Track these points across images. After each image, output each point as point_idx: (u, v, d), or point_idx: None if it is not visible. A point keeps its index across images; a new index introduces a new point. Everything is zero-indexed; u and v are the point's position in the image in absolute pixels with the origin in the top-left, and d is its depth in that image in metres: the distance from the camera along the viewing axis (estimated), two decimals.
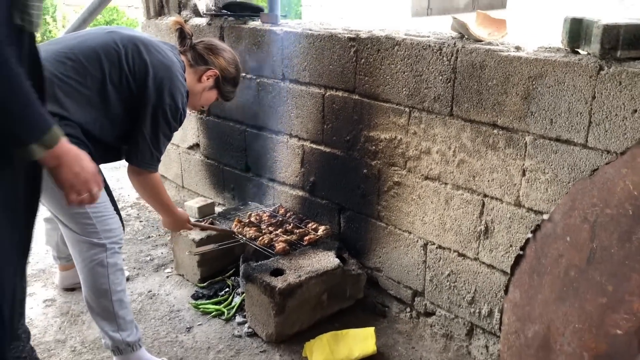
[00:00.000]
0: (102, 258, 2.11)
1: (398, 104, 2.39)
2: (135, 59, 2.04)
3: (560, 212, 1.85)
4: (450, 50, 2.15)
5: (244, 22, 3.12)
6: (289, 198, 3.09)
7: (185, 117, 2.19)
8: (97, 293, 2.12)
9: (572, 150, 1.87)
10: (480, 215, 2.21)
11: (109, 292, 2.14)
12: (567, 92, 1.84)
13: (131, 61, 2.03)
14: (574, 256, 1.78)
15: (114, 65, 2.01)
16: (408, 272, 2.56)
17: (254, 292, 2.45)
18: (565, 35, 1.86)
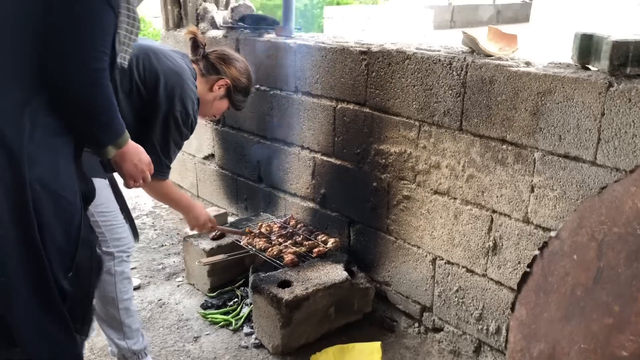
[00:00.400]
0: (109, 266, 2.13)
1: (408, 118, 2.39)
2: (145, 67, 2.06)
3: (568, 230, 1.83)
4: (460, 65, 2.14)
5: (259, 35, 3.15)
6: (300, 209, 3.10)
7: (196, 124, 2.20)
8: (104, 301, 2.14)
9: (581, 167, 1.84)
10: (488, 231, 2.18)
11: (116, 300, 2.16)
12: (576, 109, 1.82)
13: (142, 69, 2.05)
14: (581, 275, 1.75)
15: (125, 73, 2.03)
16: (417, 287, 2.54)
17: (261, 303, 2.46)
18: (576, 51, 1.84)
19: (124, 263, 2.19)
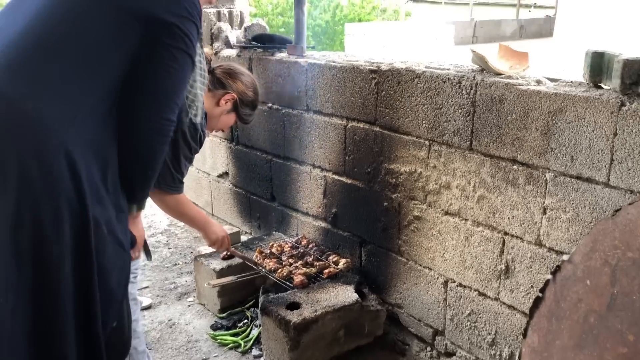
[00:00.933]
0: None
1: (418, 137, 2.35)
2: None
3: (581, 254, 1.76)
4: (470, 84, 2.10)
5: (271, 54, 3.15)
6: (311, 229, 3.07)
7: (205, 138, 2.20)
8: None
9: (594, 189, 1.78)
10: (500, 254, 2.12)
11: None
12: (587, 128, 1.76)
13: None
14: (594, 301, 1.68)
15: None
16: (429, 310, 2.48)
17: (270, 325, 2.42)
18: (587, 70, 1.79)
19: (131, 284, 2.18)
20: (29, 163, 1.27)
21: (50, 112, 1.31)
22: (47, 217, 1.30)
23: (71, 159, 1.32)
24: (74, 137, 1.34)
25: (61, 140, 1.31)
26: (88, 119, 1.38)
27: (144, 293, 3.08)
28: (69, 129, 1.34)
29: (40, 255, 1.31)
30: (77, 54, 1.37)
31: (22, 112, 1.29)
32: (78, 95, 1.36)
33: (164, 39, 1.44)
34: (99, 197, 1.39)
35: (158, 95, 1.47)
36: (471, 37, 14.44)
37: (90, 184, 1.36)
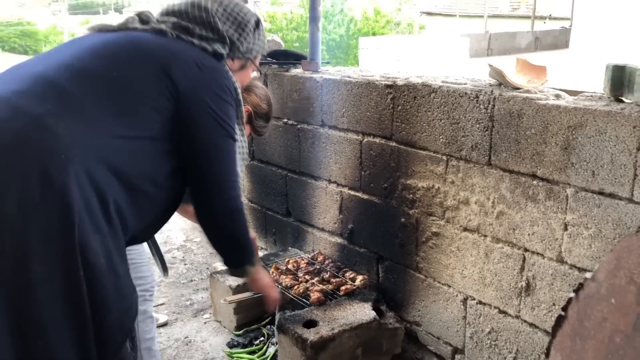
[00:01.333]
0: None
1: (435, 152, 2.32)
2: None
3: (605, 271, 1.72)
4: (487, 98, 2.08)
5: (287, 70, 3.15)
6: (327, 245, 3.04)
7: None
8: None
9: (617, 205, 1.74)
10: (521, 271, 2.08)
11: (138, 340, 2.13)
12: (609, 143, 1.72)
13: None
14: (619, 320, 1.63)
15: None
16: (448, 328, 2.44)
17: (286, 343, 2.39)
18: (607, 83, 1.76)
19: (147, 302, 2.17)
20: (35, 170, 1.26)
21: (69, 131, 1.31)
22: (36, 233, 1.25)
23: (78, 181, 1.30)
24: (87, 161, 1.33)
25: (72, 159, 1.30)
26: (106, 151, 1.38)
27: (160, 310, 3.07)
28: (84, 153, 1.33)
29: (22, 271, 1.26)
30: (114, 93, 1.44)
31: (42, 124, 1.29)
32: (103, 127, 1.38)
33: (204, 127, 1.55)
34: (97, 227, 1.35)
35: (217, 185, 1.62)
36: (486, 50, 14.40)
37: (89, 211, 1.32)
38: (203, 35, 1.63)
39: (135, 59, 1.51)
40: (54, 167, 1.27)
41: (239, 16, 1.72)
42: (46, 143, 1.29)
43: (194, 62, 1.54)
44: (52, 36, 34.87)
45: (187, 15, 1.65)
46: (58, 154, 1.29)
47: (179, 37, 1.60)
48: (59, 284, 1.29)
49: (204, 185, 1.62)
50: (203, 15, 1.65)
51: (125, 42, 1.55)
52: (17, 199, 1.23)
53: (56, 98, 1.35)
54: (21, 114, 1.29)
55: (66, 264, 1.28)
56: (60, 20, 40.24)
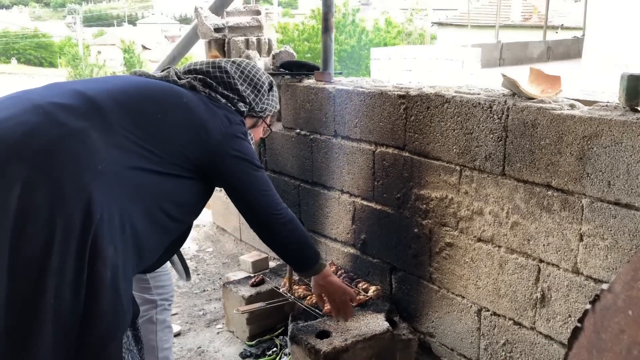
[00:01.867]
0: (151, 314, 2.13)
1: (448, 162, 2.32)
2: None
3: (622, 283, 1.70)
4: (501, 108, 2.07)
5: (299, 81, 3.17)
6: (340, 255, 3.04)
7: None
8: (144, 349, 2.13)
9: (634, 215, 1.73)
10: (536, 282, 2.07)
11: (156, 349, 2.14)
12: (625, 153, 1.71)
13: None
14: (637, 333, 1.61)
15: None
16: (462, 339, 2.42)
17: (300, 354, 2.39)
18: (623, 93, 1.75)
19: (166, 311, 2.18)
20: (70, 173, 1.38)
21: (106, 149, 1.44)
22: (61, 226, 1.33)
23: (106, 194, 1.41)
24: (117, 181, 1.45)
25: (106, 174, 1.42)
26: (134, 178, 1.50)
27: (173, 320, 3.06)
28: (116, 173, 1.45)
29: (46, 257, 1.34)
30: (151, 131, 1.56)
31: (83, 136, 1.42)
32: (134, 157, 1.51)
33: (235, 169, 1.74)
34: (112, 240, 1.42)
35: (257, 208, 1.82)
36: (498, 60, 14.36)
37: (109, 224, 1.41)
38: (225, 94, 1.80)
39: (178, 108, 1.67)
40: (89, 175, 1.39)
41: (255, 78, 1.91)
42: (85, 153, 1.41)
43: (226, 118, 1.73)
44: (67, 48, 35.30)
45: (210, 74, 1.81)
46: (95, 164, 1.41)
47: (209, 95, 1.76)
48: (69, 279, 1.36)
49: (256, 221, 1.85)
50: (224, 76, 1.82)
51: (170, 91, 1.70)
52: (50, 194, 1.33)
53: (97, 117, 1.47)
54: (58, 124, 1.41)
55: (78, 261, 1.36)
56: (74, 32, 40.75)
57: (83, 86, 1.57)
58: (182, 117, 1.66)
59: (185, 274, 2.25)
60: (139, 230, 1.52)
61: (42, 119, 1.40)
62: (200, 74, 1.81)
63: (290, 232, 1.89)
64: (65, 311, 1.37)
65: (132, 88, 1.64)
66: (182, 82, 1.76)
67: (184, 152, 1.62)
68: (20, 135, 1.36)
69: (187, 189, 1.68)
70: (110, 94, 1.56)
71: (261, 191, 1.80)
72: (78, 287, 1.37)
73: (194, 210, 1.79)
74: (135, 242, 1.51)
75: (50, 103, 1.45)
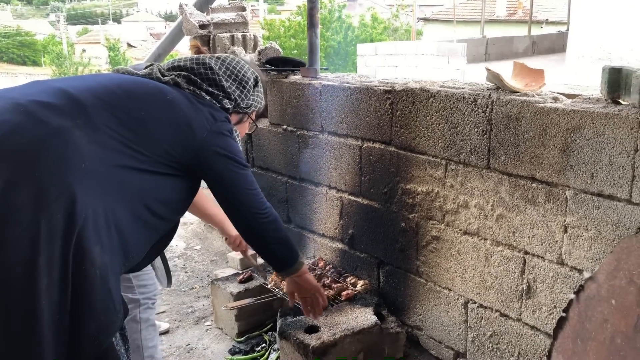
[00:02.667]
0: (135, 313, 2.12)
1: (434, 157, 2.33)
2: None
3: (605, 273, 1.73)
4: (485, 102, 2.09)
5: (285, 77, 3.17)
6: (328, 250, 3.05)
7: None
8: (130, 349, 2.12)
9: (616, 206, 1.75)
10: (521, 273, 2.09)
11: (141, 348, 2.14)
12: (607, 145, 1.74)
13: None
14: (620, 321, 1.64)
15: None
16: (449, 332, 2.44)
17: (288, 349, 2.40)
18: (604, 86, 1.77)
19: (149, 310, 2.18)
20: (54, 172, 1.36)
21: (91, 147, 1.43)
22: (45, 226, 1.32)
23: (91, 193, 1.39)
24: (101, 180, 1.44)
25: (91, 173, 1.41)
26: (118, 176, 1.48)
27: (161, 317, 3.07)
28: (100, 172, 1.43)
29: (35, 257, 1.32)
30: (135, 129, 1.55)
31: (66, 134, 1.40)
32: (118, 155, 1.49)
33: (221, 168, 1.73)
34: (98, 239, 1.41)
35: (241, 206, 1.80)
36: (484, 55, 14.45)
37: (94, 223, 1.40)
38: (210, 91, 1.78)
39: (162, 106, 1.65)
40: (72, 174, 1.37)
41: (240, 74, 1.88)
42: (68, 152, 1.39)
43: (211, 115, 1.72)
44: (50, 46, 34.93)
45: (194, 71, 1.78)
46: (79, 163, 1.39)
47: (194, 92, 1.74)
48: (55, 279, 1.34)
49: (239, 219, 1.85)
50: (208, 72, 1.80)
51: (154, 89, 1.68)
52: (33, 194, 1.32)
53: (80, 115, 1.45)
54: (41, 123, 1.39)
55: (62, 261, 1.34)
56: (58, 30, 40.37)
57: (66, 84, 1.55)
58: (167, 115, 1.64)
59: (167, 279, 2.23)
60: (125, 229, 1.51)
61: (24, 118, 1.38)
62: (185, 70, 1.78)
63: (273, 232, 1.88)
64: (55, 311, 1.36)
65: (116, 86, 1.62)
66: (166, 79, 1.73)
67: (169, 150, 1.61)
68: (2, 135, 1.34)
69: (172, 186, 1.67)
70: (93, 92, 1.54)
71: (246, 190, 1.79)
72: (64, 287, 1.36)
73: (180, 208, 1.77)
74: (122, 241, 1.50)
75: (32, 101, 1.43)
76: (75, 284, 1.37)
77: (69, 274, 1.36)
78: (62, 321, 1.37)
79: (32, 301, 1.32)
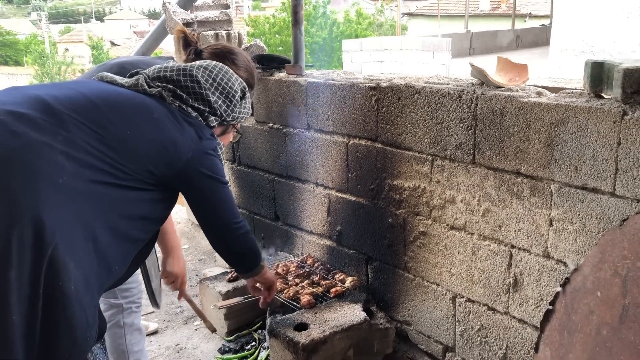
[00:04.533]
0: (118, 319, 2.11)
1: (420, 152, 2.34)
2: None
3: (590, 265, 1.75)
4: (470, 97, 2.10)
5: (271, 74, 3.16)
6: (316, 247, 3.05)
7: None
8: (115, 354, 2.11)
9: (600, 199, 1.77)
10: (508, 267, 2.11)
11: (126, 353, 2.12)
12: (590, 139, 1.75)
13: None
14: (606, 313, 1.66)
15: None
16: (438, 326, 2.45)
17: (278, 347, 2.40)
18: (587, 80, 1.79)
19: (134, 314, 2.16)
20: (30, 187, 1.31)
21: (70, 162, 1.39)
22: (17, 239, 1.28)
23: (66, 207, 1.36)
24: (78, 195, 1.40)
25: (67, 187, 1.37)
26: (96, 192, 1.45)
27: (150, 318, 3.06)
28: (75, 188, 1.39)
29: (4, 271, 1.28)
30: (114, 145, 1.50)
31: (44, 149, 1.36)
32: (95, 171, 1.45)
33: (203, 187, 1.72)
34: (73, 254, 1.37)
35: (217, 219, 1.81)
36: (468, 49, 14.50)
37: (69, 237, 1.36)
38: (195, 106, 1.73)
39: (148, 124, 1.61)
40: (47, 189, 1.33)
41: (227, 86, 1.83)
42: (43, 166, 1.34)
43: (196, 134, 1.68)
44: (32, 45, 34.51)
45: (180, 84, 1.73)
46: (55, 178, 1.35)
47: (180, 108, 1.70)
48: (25, 294, 1.30)
49: (214, 231, 1.86)
50: (195, 86, 1.74)
51: (140, 105, 1.64)
52: (5, 206, 1.27)
53: (59, 130, 1.40)
54: (15, 135, 1.33)
55: (33, 276, 1.30)
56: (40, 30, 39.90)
57: (46, 93, 1.49)
58: (152, 136, 1.61)
59: (153, 301, 2.19)
60: (104, 243, 1.47)
61: None
62: (171, 82, 1.73)
63: (244, 242, 1.91)
64: (24, 327, 1.31)
65: (100, 99, 1.57)
66: (153, 92, 1.70)
67: (151, 169, 1.58)
68: None
69: (151, 200, 1.64)
70: (75, 104, 1.49)
71: (223, 205, 1.80)
72: (35, 302, 1.32)
73: (159, 219, 1.74)
74: (101, 256, 1.47)
75: (7, 112, 1.37)
76: (47, 300, 1.33)
77: (39, 289, 1.32)
78: (32, 336, 1.32)
79: (3, 317, 1.27)
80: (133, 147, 1.55)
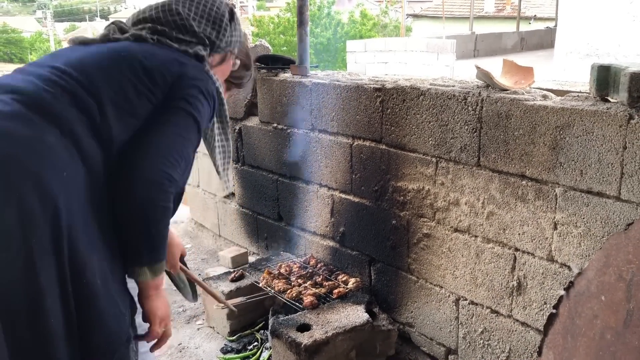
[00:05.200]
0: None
1: (425, 154, 2.34)
2: None
3: (594, 269, 1.74)
4: (475, 100, 2.10)
5: (275, 75, 3.16)
6: (319, 248, 3.05)
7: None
8: None
9: (605, 203, 1.76)
10: (512, 270, 2.10)
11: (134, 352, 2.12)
12: (596, 142, 1.75)
13: None
14: (610, 317, 1.66)
15: None
16: (440, 329, 2.45)
17: (280, 348, 2.40)
18: (593, 83, 1.79)
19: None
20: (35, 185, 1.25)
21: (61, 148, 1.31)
22: (37, 244, 1.23)
23: (77, 200, 1.32)
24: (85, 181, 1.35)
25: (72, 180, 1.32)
26: (101, 176, 1.39)
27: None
28: (80, 174, 1.34)
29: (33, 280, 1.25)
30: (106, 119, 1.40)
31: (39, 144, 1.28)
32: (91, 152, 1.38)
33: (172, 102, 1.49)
34: (93, 248, 1.34)
35: (158, 148, 1.43)
36: (473, 51, 14.48)
37: (85, 230, 1.33)
38: (181, 38, 1.61)
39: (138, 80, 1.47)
40: (55, 185, 1.26)
41: (212, 11, 1.68)
42: (46, 162, 1.27)
43: (176, 60, 1.54)
44: (37, 43, 34.63)
45: (161, 20, 1.62)
46: (59, 172, 1.28)
47: (159, 41, 1.58)
48: (57, 295, 1.28)
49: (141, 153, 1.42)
50: (177, 19, 1.62)
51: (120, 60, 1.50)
52: (17, 213, 1.21)
53: (47, 120, 1.31)
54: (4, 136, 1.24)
55: (59, 276, 1.28)
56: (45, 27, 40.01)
57: (19, 80, 1.38)
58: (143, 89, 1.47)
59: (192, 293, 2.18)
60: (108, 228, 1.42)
61: None
62: (150, 21, 1.62)
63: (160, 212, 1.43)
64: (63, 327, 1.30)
65: (80, 72, 1.41)
66: (125, 37, 1.57)
67: None
68: None
69: None
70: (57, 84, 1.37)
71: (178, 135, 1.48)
72: (67, 301, 1.30)
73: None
74: (120, 245, 1.44)
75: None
76: (77, 297, 1.31)
77: (68, 287, 1.29)
78: (72, 336, 1.32)
79: (41, 323, 1.26)
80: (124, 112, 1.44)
